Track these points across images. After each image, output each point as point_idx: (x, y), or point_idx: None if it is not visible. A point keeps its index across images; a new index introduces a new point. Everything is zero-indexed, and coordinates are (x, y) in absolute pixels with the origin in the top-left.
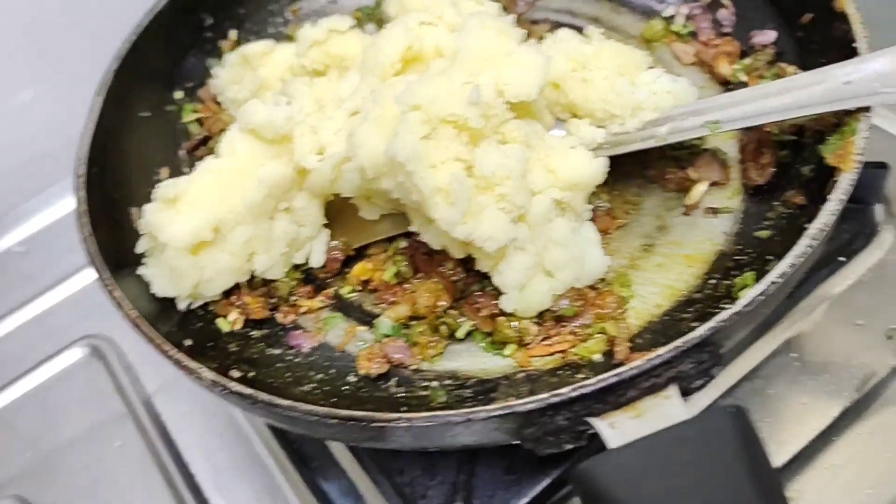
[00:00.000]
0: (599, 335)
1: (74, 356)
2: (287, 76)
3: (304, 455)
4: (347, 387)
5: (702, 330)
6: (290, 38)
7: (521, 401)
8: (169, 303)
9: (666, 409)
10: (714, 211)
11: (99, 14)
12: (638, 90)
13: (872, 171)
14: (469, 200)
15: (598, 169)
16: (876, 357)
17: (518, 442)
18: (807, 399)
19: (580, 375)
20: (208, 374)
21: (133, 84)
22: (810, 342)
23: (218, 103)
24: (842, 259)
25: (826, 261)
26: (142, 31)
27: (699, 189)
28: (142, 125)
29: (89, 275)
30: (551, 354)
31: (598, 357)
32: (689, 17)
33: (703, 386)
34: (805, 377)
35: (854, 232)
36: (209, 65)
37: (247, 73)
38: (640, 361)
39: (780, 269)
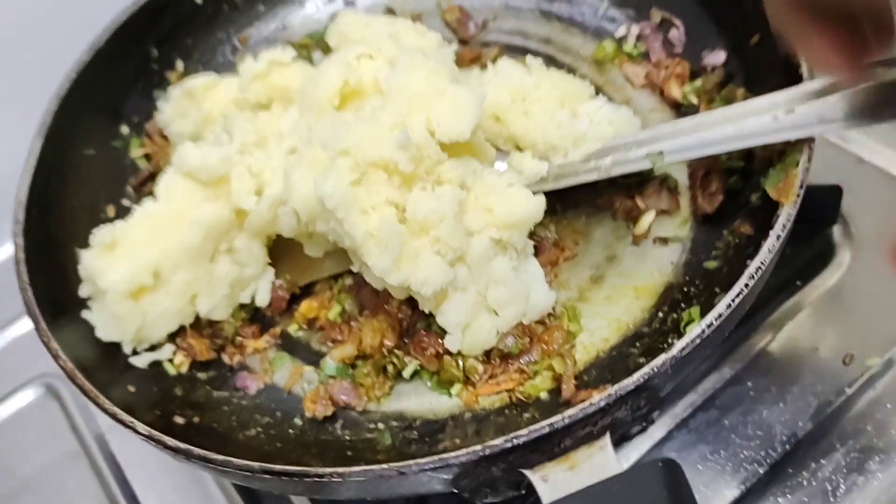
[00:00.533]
0: (546, 372)
1: (28, 397)
2: (231, 109)
3: (259, 498)
4: (294, 430)
5: (636, 376)
6: (237, 69)
7: (453, 453)
8: (114, 347)
9: (598, 461)
10: (664, 241)
11: (42, 46)
12: (579, 121)
13: (826, 194)
14: (401, 246)
15: (536, 207)
16: (832, 384)
17: (455, 491)
18: (761, 430)
19: (527, 415)
20: (142, 428)
21: (76, 121)
22: (766, 370)
23: (165, 137)
24: (798, 283)
25: (783, 285)
26: (83, 67)
27: (647, 218)
28: (86, 162)
29: None
30: (498, 393)
31: (544, 395)
32: (640, 38)
33: (642, 431)
34: (760, 406)
35: (811, 255)
36: (156, 97)
37: (191, 106)
38: (573, 410)
39: (718, 309)
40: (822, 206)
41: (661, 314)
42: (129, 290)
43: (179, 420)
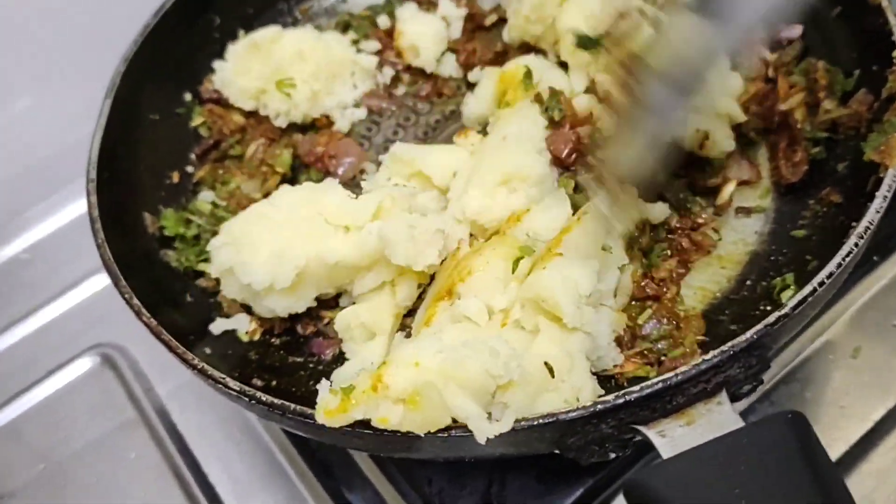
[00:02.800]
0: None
1: (84, 366)
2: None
3: (327, 464)
4: None
5: (750, 333)
6: None
7: (564, 409)
8: (185, 310)
9: (717, 417)
10: (746, 211)
11: (97, 18)
12: None
13: None
14: None
15: None
16: None
17: (558, 451)
18: (845, 402)
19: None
20: (234, 385)
21: (141, 86)
22: (846, 344)
23: (218, 102)
24: (875, 258)
25: (861, 260)
26: (149, 31)
27: (728, 189)
28: (151, 128)
29: (97, 282)
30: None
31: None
32: None
33: (751, 391)
34: (842, 380)
35: (888, 231)
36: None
37: (256, 60)
38: (687, 367)
39: (828, 269)
40: None
41: (748, 282)
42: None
43: (258, 382)
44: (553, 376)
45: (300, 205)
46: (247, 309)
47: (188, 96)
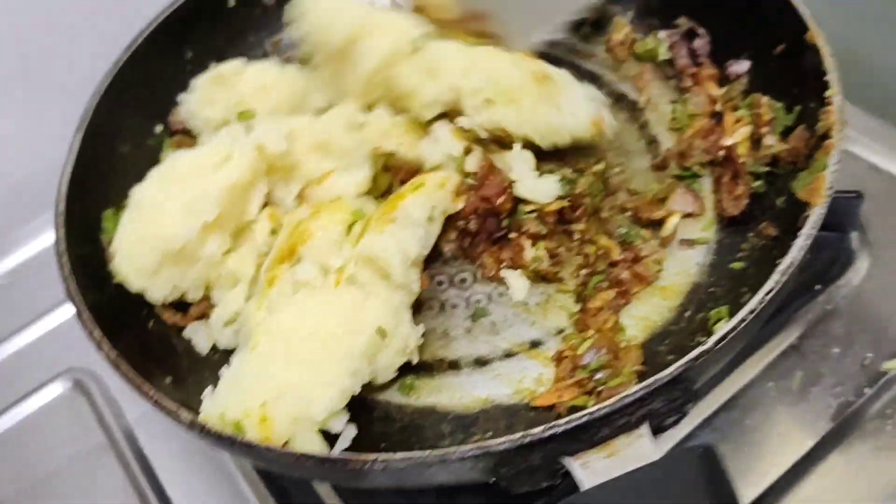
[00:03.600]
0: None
1: (56, 390)
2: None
3: (288, 492)
4: None
5: (672, 368)
6: None
7: (495, 441)
8: (148, 338)
9: (637, 449)
10: (689, 243)
11: (82, 45)
12: None
13: (847, 200)
14: None
15: None
16: (851, 386)
17: (494, 480)
18: (783, 429)
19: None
20: (185, 416)
21: (113, 118)
22: (787, 371)
23: (188, 133)
24: (818, 287)
25: (802, 289)
26: (122, 65)
27: (672, 221)
28: (122, 159)
29: (71, 308)
30: (554, 403)
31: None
32: (670, 47)
33: (676, 423)
34: (782, 407)
35: (830, 260)
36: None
37: (220, 92)
38: (612, 400)
39: (751, 305)
40: (844, 212)
41: (687, 313)
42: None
43: None
44: (385, 338)
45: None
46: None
47: (159, 127)
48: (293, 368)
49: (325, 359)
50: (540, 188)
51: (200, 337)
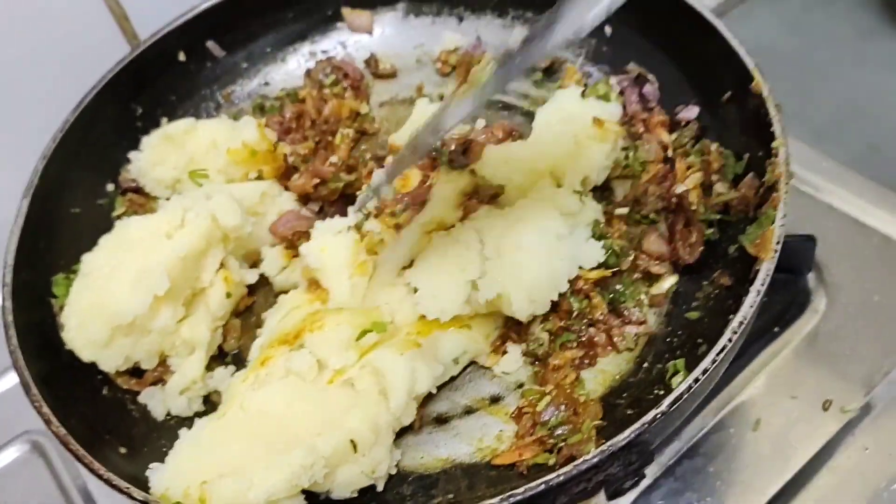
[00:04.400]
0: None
1: (14, 453)
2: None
3: None
4: None
5: (628, 432)
6: None
7: None
8: (101, 407)
9: None
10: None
11: (29, 105)
12: None
13: (801, 243)
14: None
15: None
16: (812, 430)
17: None
18: (745, 476)
19: (517, 469)
20: (138, 495)
21: (63, 181)
22: (747, 417)
23: (139, 192)
24: (776, 329)
25: (760, 332)
26: (68, 127)
27: (669, 281)
28: (73, 221)
29: None
30: (515, 462)
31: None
32: (620, 93)
33: (634, 486)
34: (743, 453)
35: (787, 302)
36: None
37: (171, 152)
38: (568, 468)
39: (704, 364)
40: (798, 255)
41: (646, 365)
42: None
43: None
44: (356, 451)
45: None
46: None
47: (110, 186)
48: (247, 446)
49: (282, 443)
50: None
51: (156, 402)
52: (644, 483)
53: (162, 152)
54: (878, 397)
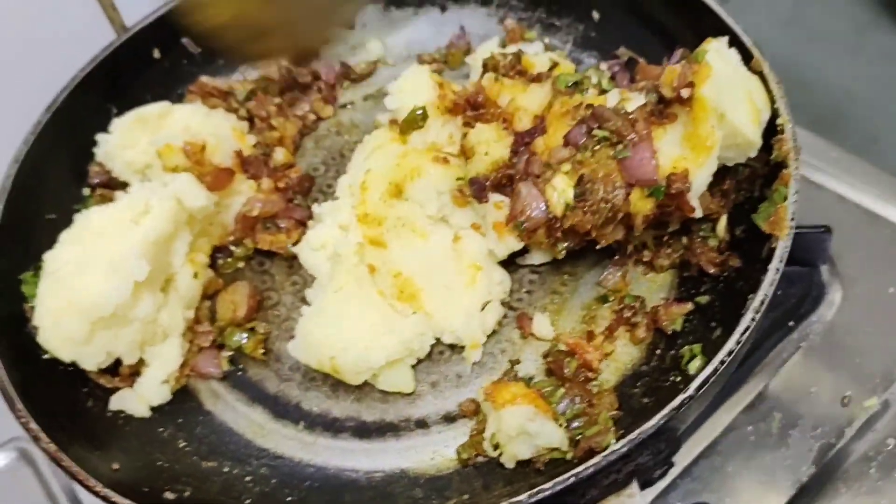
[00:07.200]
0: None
1: (0, 461)
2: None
3: None
4: (292, 497)
5: (656, 418)
6: None
7: None
8: (88, 419)
9: None
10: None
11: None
12: None
13: (815, 235)
14: None
15: None
16: (832, 426)
17: None
18: (764, 476)
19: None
20: None
21: (36, 185)
22: (764, 414)
23: (108, 185)
24: (791, 324)
25: (775, 327)
26: (41, 129)
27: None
28: (49, 228)
29: None
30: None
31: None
32: (611, 78)
33: (662, 475)
34: (762, 452)
35: (801, 295)
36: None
37: (143, 135)
38: (597, 458)
39: (728, 346)
40: (813, 247)
41: (658, 351)
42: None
43: (170, 496)
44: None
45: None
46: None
47: (87, 191)
48: (367, 316)
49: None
50: None
51: (131, 403)
52: (661, 484)
53: (133, 135)
54: None
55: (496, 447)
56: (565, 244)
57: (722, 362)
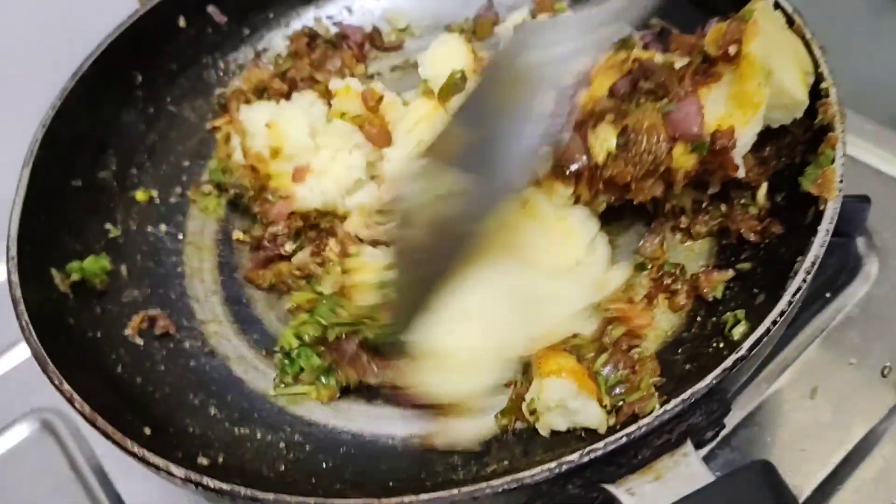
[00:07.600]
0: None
1: (23, 432)
2: None
3: None
4: (327, 462)
5: (709, 379)
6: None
7: (528, 472)
8: (120, 385)
9: (685, 470)
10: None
11: (26, 75)
12: None
13: (854, 204)
14: None
15: None
16: (872, 397)
17: None
18: (806, 444)
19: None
20: (177, 471)
21: (62, 152)
22: (803, 384)
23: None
24: (828, 295)
25: (813, 297)
26: (67, 95)
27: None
28: (75, 195)
29: None
30: None
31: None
32: (645, 46)
33: (714, 437)
34: (801, 421)
35: (838, 266)
36: (141, 128)
37: None
38: (649, 418)
39: (780, 307)
40: (850, 217)
41: (699, 318)
42: None
43: (204, 461)
44: None
45: None
46: None
47: (112, 159)
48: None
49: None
50: None
51: None
52: (702, 452)
53: None
54: None
55: (532, 412)
56: (605, 197)
57: (774, 322)
